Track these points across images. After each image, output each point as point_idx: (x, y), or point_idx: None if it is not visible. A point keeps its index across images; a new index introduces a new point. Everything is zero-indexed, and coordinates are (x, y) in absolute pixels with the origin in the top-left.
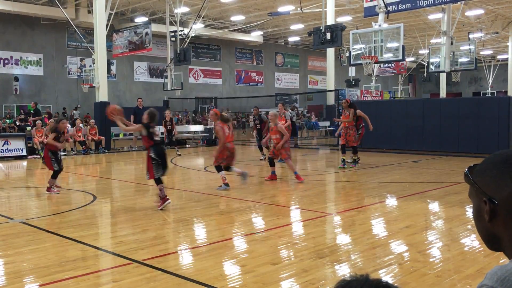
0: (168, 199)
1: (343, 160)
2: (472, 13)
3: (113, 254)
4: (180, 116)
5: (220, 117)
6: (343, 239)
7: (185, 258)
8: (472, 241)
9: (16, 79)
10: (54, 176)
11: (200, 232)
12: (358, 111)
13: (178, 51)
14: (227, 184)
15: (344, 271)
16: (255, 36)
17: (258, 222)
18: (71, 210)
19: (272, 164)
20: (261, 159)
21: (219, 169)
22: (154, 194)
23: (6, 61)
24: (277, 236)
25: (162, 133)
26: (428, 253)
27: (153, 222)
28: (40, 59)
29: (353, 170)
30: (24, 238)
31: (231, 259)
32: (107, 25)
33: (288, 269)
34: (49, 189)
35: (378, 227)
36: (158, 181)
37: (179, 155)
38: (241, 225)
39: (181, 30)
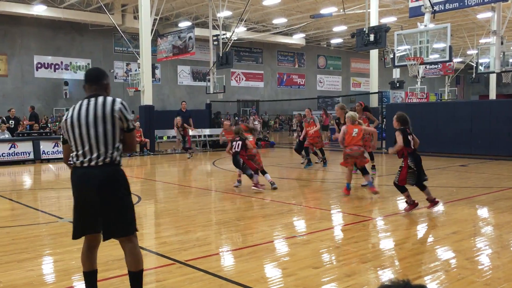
0: None
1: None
2: None
3: (157, 254)
4: (222, 120)
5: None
6: (387, 244)
7: (227, 260)
8: None
9: (66, 83)
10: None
11: (241, 234)
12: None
13: (221, 55)
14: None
15: (387, 276)
16: (297, 39)
17: (300, 225)
18: None
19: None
20: None
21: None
22: (195, 196)
23: (57, 66)
24: (319, 240)
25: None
26: (477, 260)
27: (196, 224)
28: (88, 64)
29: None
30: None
31: (272, 262)
32: (152, 30)
33: (330, 273)
34: (257, 184)
35: (424, 233)
36: None
37: (189, 158)
38: (283, 228)
39: (224, 34)
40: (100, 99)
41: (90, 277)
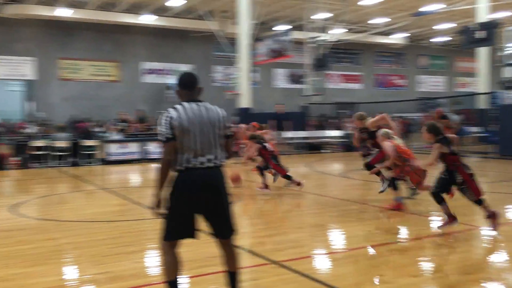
0: None
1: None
2: None
3: (252, 254)
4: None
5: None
6: (496, 256)
7: (321, 263)
8: None
9: (169, 88)
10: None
11: (336, 237)
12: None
13: (317, 57)
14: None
15: None
16: (397, 38)
17: (398, 231)
18: None
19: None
20: None
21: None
22: (291, 198)
23: (162, 72)
24: (418, 248)
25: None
26: None
27: (291, 225)
28: (190, 69)
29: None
30: None
31: (368, 268)
32: (250, 34)
33: (430, 283)
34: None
35: None
36: None
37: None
38: (380, 233)
39: (321, 36)
40: (208, 104)
41: (177, 284)
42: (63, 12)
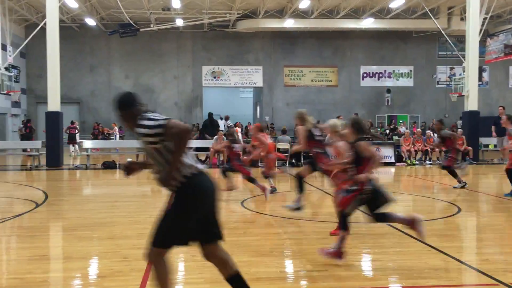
0: None
1: None
2: None
3: (477, 271)
4: None
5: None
6: None
7: None
8: None
9: (388, 91)
10: None
11: None
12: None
13: None
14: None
15: None
16: None
17: None
18: (435, 219)
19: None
20: None
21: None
22: None
23: (381, 75)
24: None
25: None
26: None
27: None
28: (410, 71)
29: None
30: (391, 240)
31: None
32: (480, 30)
33: None
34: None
35: None
36: None
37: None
38: None
39: None
40: None
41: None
42: (288, 23)
